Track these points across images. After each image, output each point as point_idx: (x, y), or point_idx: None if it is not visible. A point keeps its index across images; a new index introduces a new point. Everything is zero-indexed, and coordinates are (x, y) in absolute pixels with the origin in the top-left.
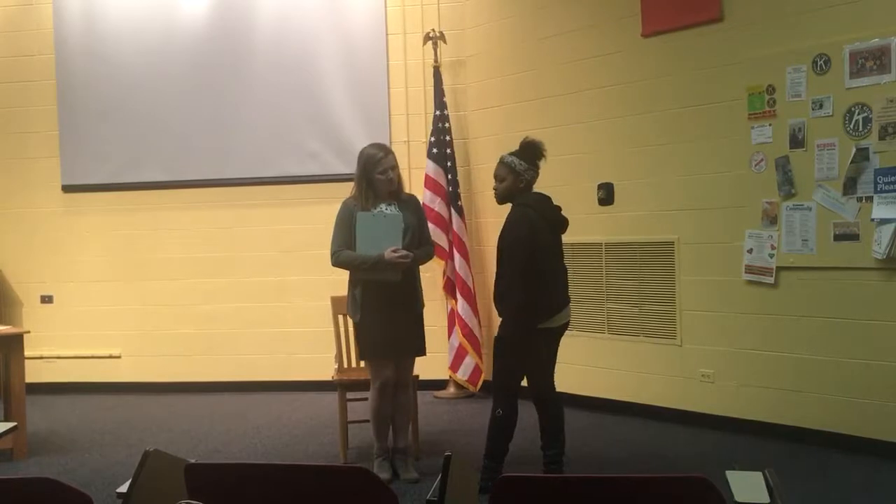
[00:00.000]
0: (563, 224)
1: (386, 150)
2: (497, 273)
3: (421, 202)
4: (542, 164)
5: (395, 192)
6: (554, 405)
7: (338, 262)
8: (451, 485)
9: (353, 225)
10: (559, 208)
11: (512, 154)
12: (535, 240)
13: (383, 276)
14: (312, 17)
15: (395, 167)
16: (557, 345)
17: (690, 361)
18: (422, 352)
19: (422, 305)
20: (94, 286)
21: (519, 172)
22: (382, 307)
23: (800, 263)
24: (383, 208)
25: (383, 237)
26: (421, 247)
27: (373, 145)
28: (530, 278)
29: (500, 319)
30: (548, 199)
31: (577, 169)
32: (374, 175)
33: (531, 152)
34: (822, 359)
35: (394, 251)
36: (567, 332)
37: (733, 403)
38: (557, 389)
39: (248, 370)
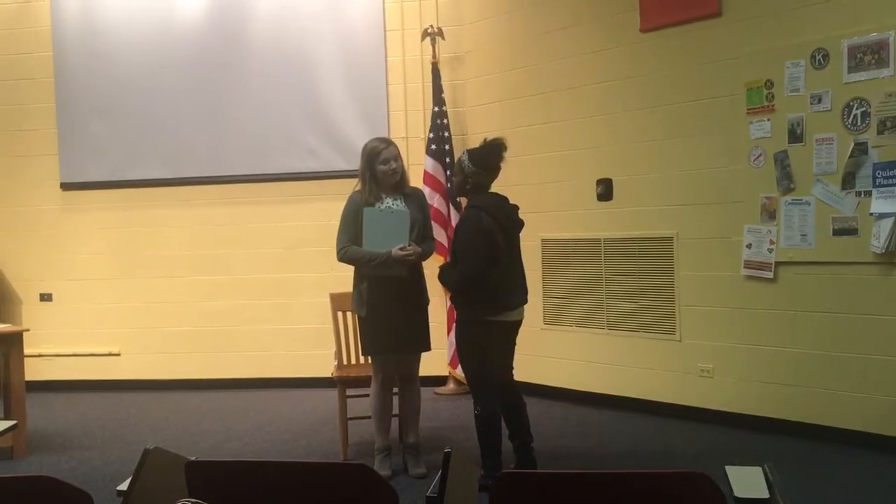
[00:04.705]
0: (518, 225)
1: (388, 142)
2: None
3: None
4: (501, 165)
5: (399, 185)
6: (510, 394)
7: (344, 257)
8: (451, 481)
9: (360, 220)
10: (516, 208)
11: (469, 151)
12: (486, 241)
13: (390, 271)
14: (310, 13)
15: (397, 158)
16: (514, 337)
17: (690, 356)
18: (426, 347)
19: (427, 301)
20: (93, 284)
21: (466, 174)
22: (388, 303)
23: (798, 258)
24: (389, 203)
25: (390, 233)
26: (425, 241)
27: (375, 138)
28: (486, 275)
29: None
30: (503, 199)
31: (575, 164)
32: (377, 166)
33: (482, 157)
34: (821, 353)
35: (401, 248)
36: (566, 327)
37: (732, 398)
38: (557, 384)
39: (248, 367)
